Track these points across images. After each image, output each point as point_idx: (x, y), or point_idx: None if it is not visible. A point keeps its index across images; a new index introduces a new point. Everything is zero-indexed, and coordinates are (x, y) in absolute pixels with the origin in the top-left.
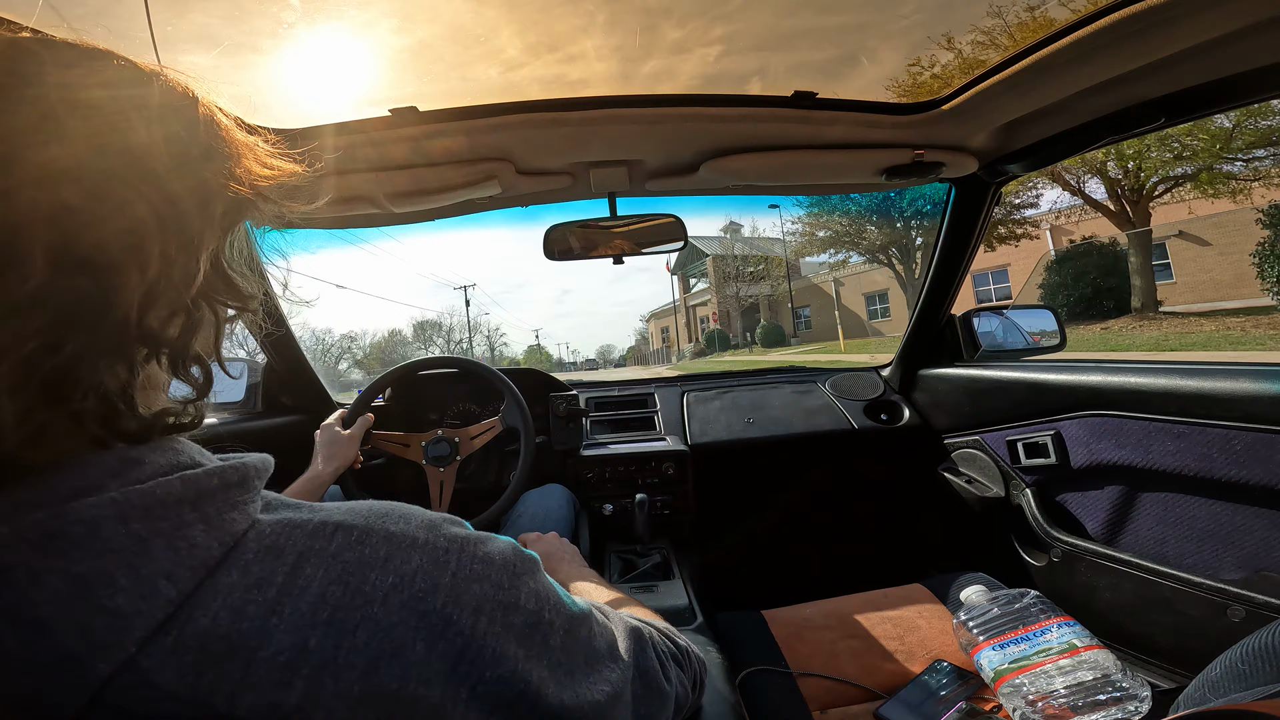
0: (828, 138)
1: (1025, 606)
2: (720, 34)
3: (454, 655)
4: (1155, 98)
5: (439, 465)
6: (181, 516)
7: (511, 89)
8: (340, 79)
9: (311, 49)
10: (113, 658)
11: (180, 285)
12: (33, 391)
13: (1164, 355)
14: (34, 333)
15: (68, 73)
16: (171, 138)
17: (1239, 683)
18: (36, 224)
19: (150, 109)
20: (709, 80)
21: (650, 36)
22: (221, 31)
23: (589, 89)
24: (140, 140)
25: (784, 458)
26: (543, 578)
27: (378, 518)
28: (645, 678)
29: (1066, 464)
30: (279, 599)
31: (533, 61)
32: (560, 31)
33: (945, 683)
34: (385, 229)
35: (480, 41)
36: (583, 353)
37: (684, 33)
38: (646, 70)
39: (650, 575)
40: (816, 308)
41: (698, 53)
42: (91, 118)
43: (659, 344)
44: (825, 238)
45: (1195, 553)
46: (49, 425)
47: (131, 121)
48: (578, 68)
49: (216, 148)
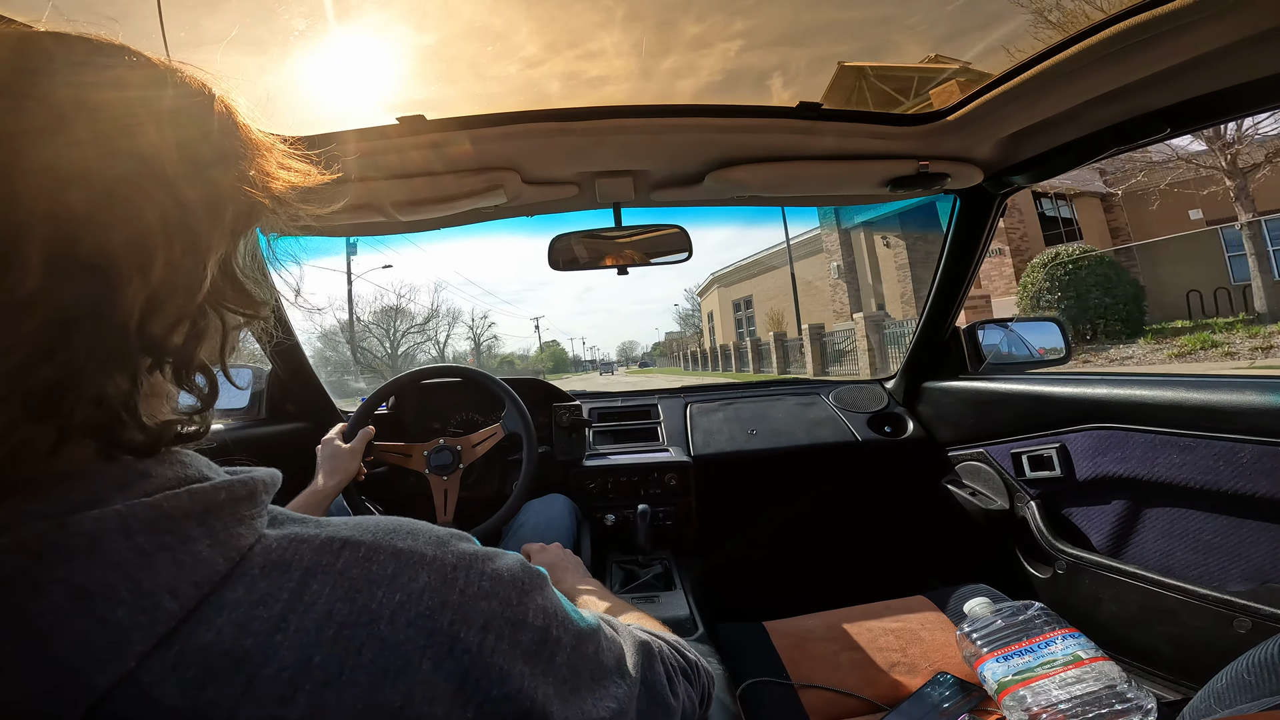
0: (832, 149)
1: (1029, 618)
2: (741, 28)
3: (460, 674)
4: (1160, 108)
5: (442, 474)
6: (187, 531)
7: (529, 87)
8: (348, 87)
9: (321, 56)
10: (112, 671)
11: (185, 292)
12: (15, 405)
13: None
14: (25, 339)
15: (78, 70)
16: (184, 140)
17: (1245, 694)
18: (37, 226)
19: (163, 110)
20: (730, 77)
21: (669, 32)
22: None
23: (609, 85)
24: (151, 142)
25: (787, 470)
26: (551, 594)
27: (385, 534)
28: (651, 693)
29: (1072, 476)
30: (284, 615)
31: (552, 58)
32: (579, 28)
33: (948, 695)
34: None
35: (500, 39)
36: (601, 349)
37: (704, 27)
38: (666, 66)
39: (651, 586)
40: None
41: (718, 47)
42: (101, 119)
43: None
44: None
45: (1201, 565)
46: (33, 440)
47: (143, 123)
48: (597, 64)
49: (231, 149)
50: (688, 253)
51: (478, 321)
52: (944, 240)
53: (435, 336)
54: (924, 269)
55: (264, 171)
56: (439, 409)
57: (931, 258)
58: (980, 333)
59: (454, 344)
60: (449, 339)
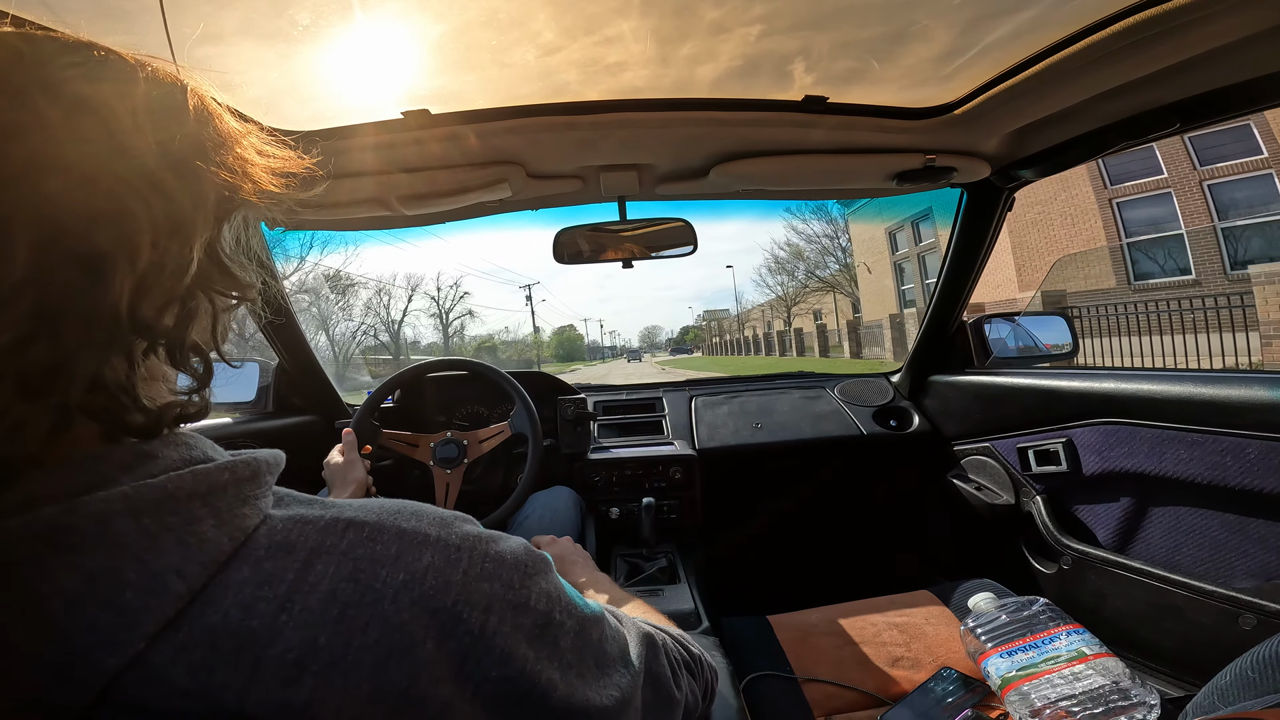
0: (838, 142)
1: (1034, 614)
2: (760, 12)
3: (462, 653)
4: (1170, 103)
5: (446, 467)
6: (192, 511)
7: (546, 75)
8: (354, 81)
9: (328, 50)
10: (121, 653)
11: (173, 275)
12: (8, 385)
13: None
14: (13, 323)
15: (49, 66)
16: (160, 130)
17: (1249, 691)
18: (21, 217)
19: (136, 102)
20: (750, 62)
21: (688, 17)
22: (236, 32)
23: (627, 71)
24: (126, 131)
25: (792, 463)
26: (554, 578)
27: (390, 514)
28: (656, 684)
29: (1078, 472)
30: (289, 595)
31: (569, 44)
32: (596, 14)
33: (951, 690)
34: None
35: (516, 25)
36: (622, 334)
37: (722, 12)
38: (684, 52)
39: (656, 579)
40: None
41: (738, 32)
42: (75, 110)
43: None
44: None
45: (1208, 561)
46: (29, 421)
47: (116, 113)
48: (615, 50)
49: (207, 136)
50: (693, 246)
51: (445, 293)
52: (951, 234)
53: (386, 317)
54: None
55: (241, 158)
56: (445, 402)
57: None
58: (987, 326)
59: (417, 328)
60: (404, 316)
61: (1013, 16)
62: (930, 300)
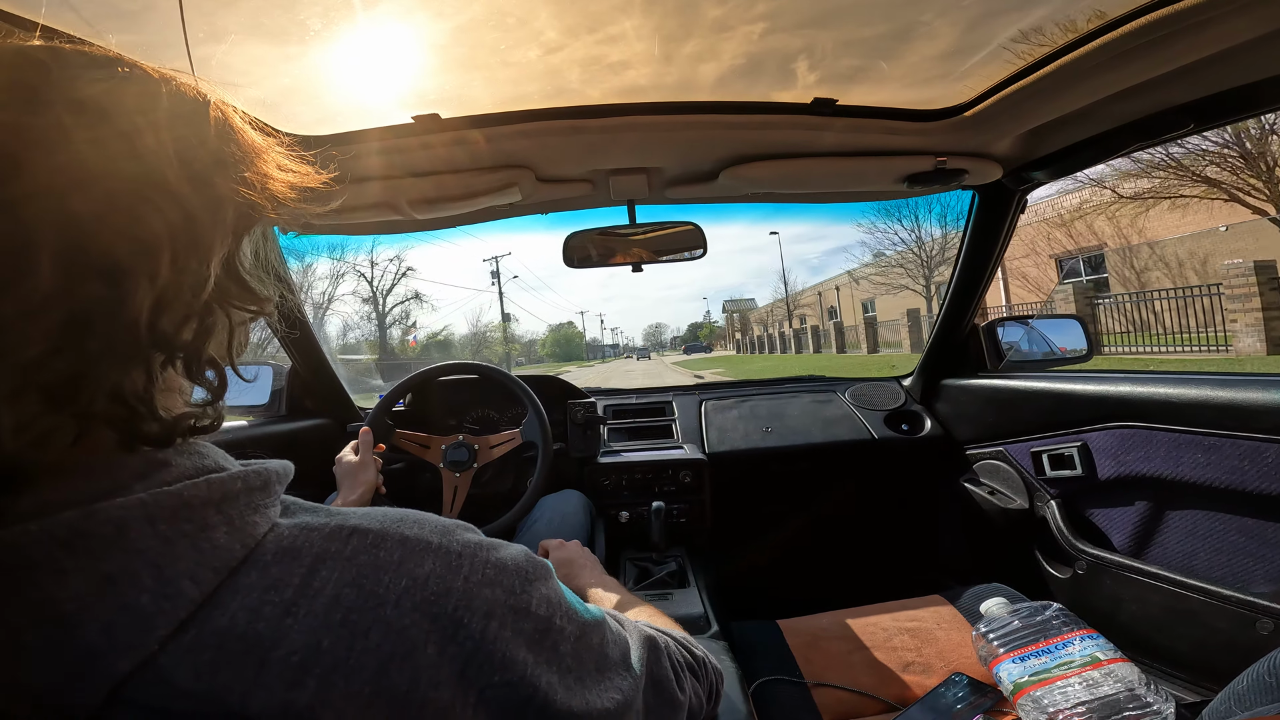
0: (848, 145)
1: (1047, 619)
2: (763, 10)
3: (463, 658)
4: (1184, 103)
5: (456, 470)
6: (206, 518)
7: (549, 75)
8: (364, 85)
9: (339, 54)
10: (134, 655)
11: (192, 291)
12: (32, 397)
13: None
14: (39, 338)
15: (74, 82)
16: (182, 145)
17: (1265, 696)
18: (45, 232)
19: (159, 117)
20: (753, 61)
21: (690, 15)
22: (248, 34)
23: (630, 70)
24: (149, 147)
25: (802, 467)
26: (554, 584)
27: (393, 522)
28: (658, 687)
29: (1093, 476)
30: (295, 600)
31: (571, 43)
32: (598, 12)
33: (963, 696)
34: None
35: (521, 24)
36: (625, 332)
37: (724, 10)
38: (687, 51)
39: (665, 583)
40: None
41: (740, 30)
42: (98, 126)
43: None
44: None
45: (1224, 566)
46: (55, 430)
47: (139, 128)
48: (618, 49)
49: (228, 152)
50: (702, 249)
51: (380, 270)
52: (963, 236)
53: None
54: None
55: (262, 174)
56: (456, 405)
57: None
58: (1000, 330)
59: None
60: (327, 304)
61: (1020, 16)
62: (942, 304)
